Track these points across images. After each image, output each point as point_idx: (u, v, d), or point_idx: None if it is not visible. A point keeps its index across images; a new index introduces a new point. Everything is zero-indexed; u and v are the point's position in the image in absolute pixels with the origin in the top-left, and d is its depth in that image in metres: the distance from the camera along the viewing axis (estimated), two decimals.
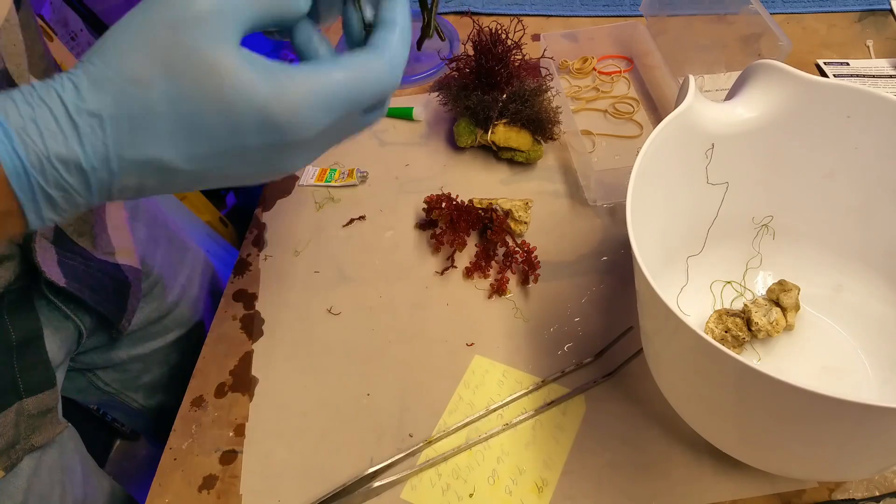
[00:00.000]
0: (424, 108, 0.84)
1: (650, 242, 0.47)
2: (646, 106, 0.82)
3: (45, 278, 0.51)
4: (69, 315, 0.56)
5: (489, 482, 0.53)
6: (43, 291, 0.53)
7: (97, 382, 0.70)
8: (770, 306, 0.56)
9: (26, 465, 0.51)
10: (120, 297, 0.61)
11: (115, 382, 0.72)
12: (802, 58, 0.87)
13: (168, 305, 0.73)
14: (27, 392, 0.50)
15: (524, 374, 0.59)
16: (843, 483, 0.51)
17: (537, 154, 0.75)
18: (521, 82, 0.73)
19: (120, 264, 0.62)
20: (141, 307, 0.67)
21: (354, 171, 0.78)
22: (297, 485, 0.55)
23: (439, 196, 0.69)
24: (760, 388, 0.37)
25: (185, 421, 0.60)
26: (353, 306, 0.66)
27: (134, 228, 0.68)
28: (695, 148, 0.53)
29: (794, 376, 0.33)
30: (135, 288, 0.64)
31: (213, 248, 1.32)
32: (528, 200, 0.70)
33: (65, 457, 0.56)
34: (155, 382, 0.75)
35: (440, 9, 0.99)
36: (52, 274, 0.52)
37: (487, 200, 0.70)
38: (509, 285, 0.66)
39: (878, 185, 0.53)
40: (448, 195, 0.69)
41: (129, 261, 0.63)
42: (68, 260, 0.54)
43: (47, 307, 0.54)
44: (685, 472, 0.52)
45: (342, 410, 0.59)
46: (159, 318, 0.72)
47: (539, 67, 0.76)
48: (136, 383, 0.74)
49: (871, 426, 0.37)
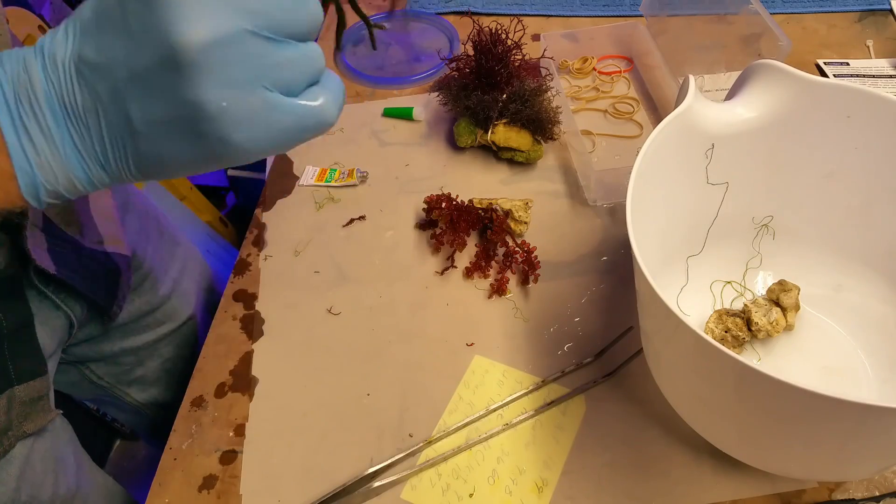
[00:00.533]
0: (424, 108, 0.84)
1: (650, 242, 0.47)
2: (646, 106, 0.82)
3: (35, 266, 0.51)
4: (60, 305, 0.56)
5: (489, 482, 0.53)
6: (33, 282, 0.53)
7: (90, 376, 0.70)
8: (770, 306, 0.56)
9: (19, 451, 0.51)
10: (111, 283, 0.62)
11: (109, 376, 0.72)
12: (802, 58, 0.87)
13: (159, 299, 0.73)
14: (18, 379, 0.50)
15: (524, 374, 0.59)
16: (843, 483, 0.51)
17: (537, 154, 0.75)
18: (521, 82, 0.73)
19: (109, 252, 0.62)
20: (132, 299, 0.68)
21: (354, 171, 0.78)
22: (297, 485, 0.55)
23: (439, 196, 0.69)
24: (760, 388, 0.37)
25: (185, 421, 0.60)
26: (353, 306, 0.66)
27: (125, 221, 0.68)
28: (695, 148, 0.53)
29: (794, 376, 0.33)
30: (125, 274, 0.64)
31: (213, 248, 1.32)
32: (528, 200, 0.70)
33: (57, 447, 0.56)
34: (148, 377, 0.76)
35: (440, 9, 0.99)
36: (43, 261, 0.52)
37: (487, 200, 0.70)
38: (509, 285, 0.66)
39: (879, 185, 0.53)
40: (448, 195, 0.69)
41: (119, 248, 0.64)
42: (58, 248, 0.55)
43: (38, 297, 0.54)
44: (685, 472, 0.52)
45: (342, 410, 0.59)
46: (150, 310, 0.72)
47: (539, 67, 0.76)
48: (128, 377, 0.74)
49: (872, 426, 0.37)
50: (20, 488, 0.51)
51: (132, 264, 0.67)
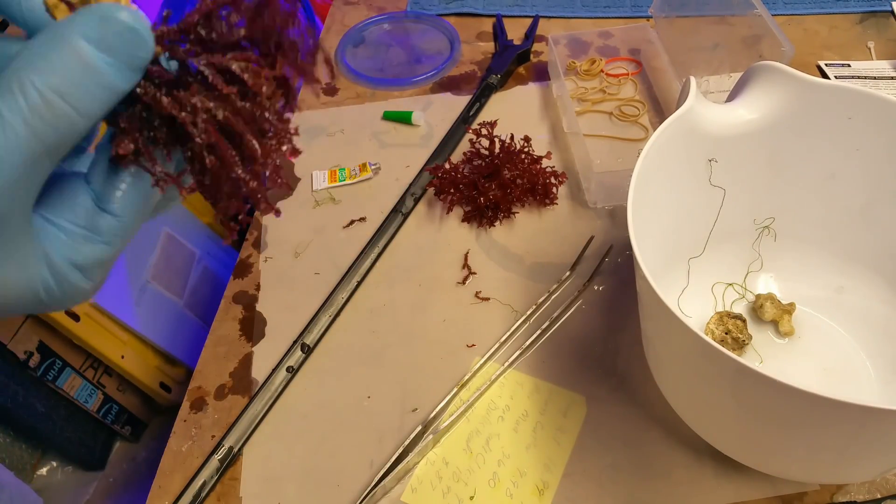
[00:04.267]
0: (424, 112, 0.84)
1: (651, 244, 0.47)
2: (652, 109, 0.82)
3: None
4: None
5: (490, 485, 0.53)
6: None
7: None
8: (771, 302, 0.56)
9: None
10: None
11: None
12: (804, 59, 0.87)
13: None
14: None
15: (525, 376, 0.59)
16: (844, 485, 0.51)
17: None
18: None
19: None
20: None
21: (366, 164, 0.78)
22: (297, 487, 0.55)
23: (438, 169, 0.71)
24: (761, 390, 0.37)
25: (185, 423, 0.60)
26: (354, 308, 0.66)
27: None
28: (696, 150, 0.53)
29: (795, 378, 0.33)
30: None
31: (213, 250, 1.32)
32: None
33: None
34: None
35: (441, 10, 0.99)
36: None
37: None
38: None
39: (880, 186, 0.53)
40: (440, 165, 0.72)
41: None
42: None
43: None
44: (686, 474, 0.52)
45: (342, 413, 0.59)
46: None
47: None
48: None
49: (874, 428, 0.36)
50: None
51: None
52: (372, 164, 0.78)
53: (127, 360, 1.16)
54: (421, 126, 0.83)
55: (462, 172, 0.71)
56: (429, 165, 0.75)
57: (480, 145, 0.72)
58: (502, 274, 0.67)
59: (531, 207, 0.72)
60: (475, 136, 0.72)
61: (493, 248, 0.69)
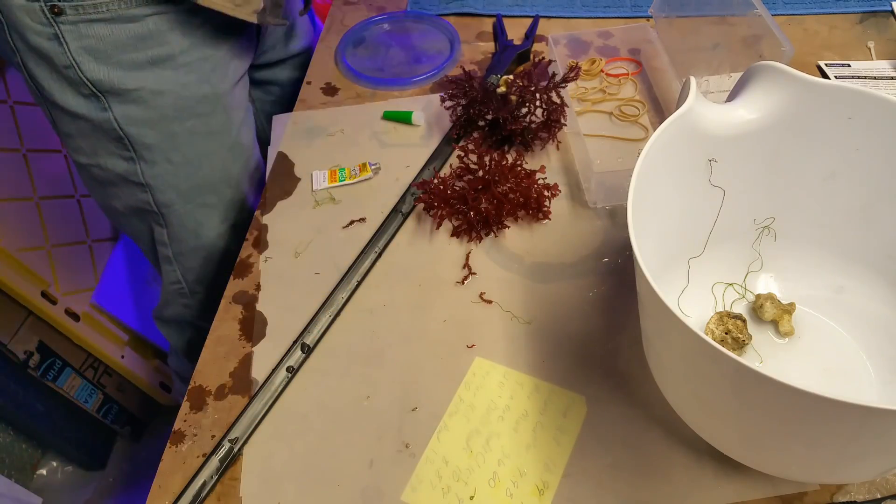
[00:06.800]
0: (424, 111, 0.84)
1: (651, 244, 0.47)
2: (652, 109, 0.82)
3: None
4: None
5: (490, 485, 0.53)
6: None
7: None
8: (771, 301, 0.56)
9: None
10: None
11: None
12: (804, 59, 0.87)
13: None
14: None
15: (525, 376, 0.59)
16: (844, 485, 0.51)
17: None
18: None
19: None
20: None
21: (366, 164, 0.78)
22: (297, 487, 0.55)
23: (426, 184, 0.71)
24: (761, 390, 0.37)
25: (186, 423, 0.60)
26: (354, 308, 0.66)
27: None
28: (696, 150, 0.53)
29: (795, 378, 0.33)
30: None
31: None
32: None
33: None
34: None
35: (441, 10, 0.99)
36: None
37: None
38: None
39: (880, 186, 0.53)
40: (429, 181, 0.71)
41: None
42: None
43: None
44: (687, 474, 0.52)
45: (342, 413, 0.59)
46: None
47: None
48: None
49: (873, 428, 0.36)
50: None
51: None
52: (372, 163, 0.78)
53: (127, 359, 1.16)
54: (421, 126, 0.83)
55: (452, 187, 0.71)
56: (415, 181, 0.75)
57: (469, 161, 0.72)
58: (502, 274, 0.67)
59: (523, 222, 0.72)
60: (463, 153, 0.72)
61: (492, 248, 0.69)
